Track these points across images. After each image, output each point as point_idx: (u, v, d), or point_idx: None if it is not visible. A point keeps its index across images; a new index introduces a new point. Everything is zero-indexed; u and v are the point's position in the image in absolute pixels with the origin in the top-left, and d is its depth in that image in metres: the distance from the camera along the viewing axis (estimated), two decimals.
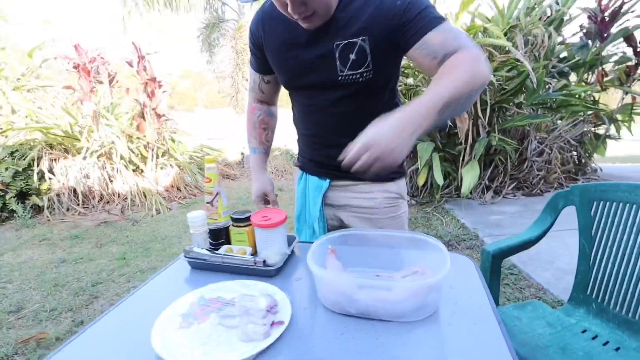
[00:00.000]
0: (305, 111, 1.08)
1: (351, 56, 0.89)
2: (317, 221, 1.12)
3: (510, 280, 2.28)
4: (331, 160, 1.04)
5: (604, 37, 4.11)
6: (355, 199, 1.10)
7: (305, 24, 0.87)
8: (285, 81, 1.05)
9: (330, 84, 0.94)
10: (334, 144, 0.96)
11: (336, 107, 0.98)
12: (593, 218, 1.23)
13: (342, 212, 1.13)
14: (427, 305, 0.71)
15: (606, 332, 1.13)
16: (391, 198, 1.09)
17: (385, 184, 1.09)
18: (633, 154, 9.80)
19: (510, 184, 4.08)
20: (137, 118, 4.74)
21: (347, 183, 1.10)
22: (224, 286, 0.85)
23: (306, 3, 0.81)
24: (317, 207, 1.12)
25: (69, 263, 2.86)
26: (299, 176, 1.21)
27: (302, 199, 1.18)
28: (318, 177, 1.13)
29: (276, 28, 0.98)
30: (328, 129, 1.04)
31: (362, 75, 0.91)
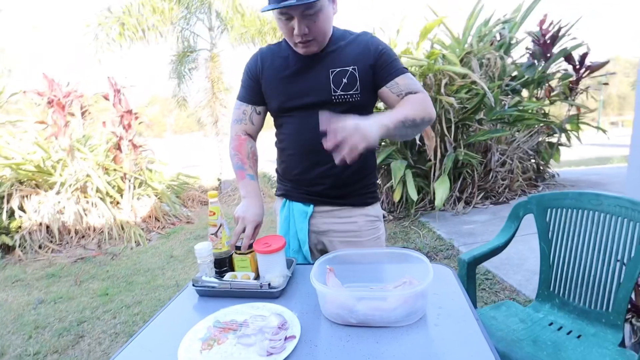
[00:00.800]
0: (299, 130, 1.15)
1: (344, 80, 1.09)
2: (305, 245, 1.20)
3: (486, 285, 2.45)
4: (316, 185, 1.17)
5: (547, 57, 4.55)
6: (338, 224, 1.20)
7: (303, 49, 1.07)
8: (281, 103, 1.15)
9: (324, 103, 1.09)
10: (323, 160, 1.11)
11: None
12: (549, 223, 1.41)
13: (325, 237, 1.22)
14: (416, 311, 0.83)
15: (569, 322, 1.29)
16: (371, 221, 1.21)
17: (364, 208, 1.21)
18: (585, 157, 10.59)
19: (479, 194, 4.35)
20: (113, 150, 4.71)
21: (329, 209, 1.20)
22: (234, 310, 0.93)
23: (310, 29, 1.01)
24: (304, 232, 1.20)
25: (47, 303, 2.78)
26: (281, 204, 1.27)
27: (286, 226, 1.24)
28: (302, 203, 1.21)
29: (274, 62, 1.16)
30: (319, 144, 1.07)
31: (352, 96, 1.10)
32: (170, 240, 4.27)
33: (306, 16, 0.98)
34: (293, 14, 0.98)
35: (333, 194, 1.18)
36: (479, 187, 4.40)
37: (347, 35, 1.14)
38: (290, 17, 0.99)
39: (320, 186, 1.18)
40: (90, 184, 4.32)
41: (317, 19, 1.00)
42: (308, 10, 0.97)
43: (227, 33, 6.70)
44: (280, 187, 1.30)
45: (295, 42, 1.05)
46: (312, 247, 1.24)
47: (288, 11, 0.98)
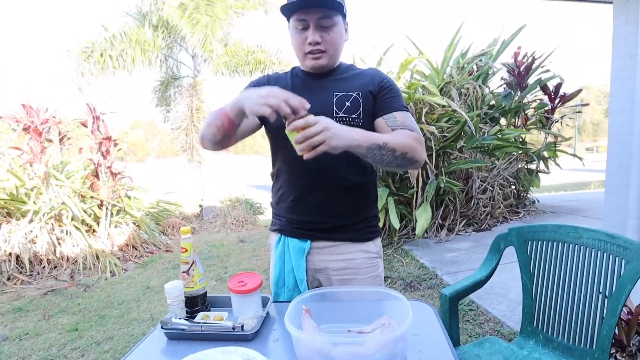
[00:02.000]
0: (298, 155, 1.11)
1: (347, 103, 1.09)
2: (302, 283, 1.14)
3: (470, 316, 2.42)
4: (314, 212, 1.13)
5: (523, 87, 4.74)
6: (336, 262, 1.14)
7: (313, 61, 1.08)
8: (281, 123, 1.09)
9: None
10: (322, 183, 1.10)
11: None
12: (529, 256, 1.40)
13: (322, 275, 1.17)
14: (396, 356, 0.79)
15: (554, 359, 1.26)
16: (371, 258, 1.16)
17: (365, 243, 1.16)
18: (564, 183, 10.94)
19: (461, 221, 4.38)
20: (90, 177, 4.59)
21: (327, 244, 1.15)
22: (204, 355, 0.87)
23: (323, 39, 1.05)
24: (302, 269, 1.14)
25: (12, 340, 2.60)
26: (276, 240, 1.21)
27: (281, 262, 1.18)
28: (299, 239, 1.15)
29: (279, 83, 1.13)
30: (320, 170, 1.09)
31: (354, 120, 1.09)
32: (148, 270, 4.11)
33: (321, 27, 1.04)
34: (309, 20, 1.03)
35: (331, 225, 1.14)
36: (461, 214, 4.43)
37: (354, 68, 1.19)
38: (306, 26, 1.04)
39: (317, 214, 1.14)
40: (66, 211, 4.17)
41: (331, 31, 1.05)
42: (324, 20, 1.03)
43: (210, 62, 6.78)
44: (276, 222, 1.24)
45: (306, 52, 1.07)
46: (309, 285, 1.17)
47: (306, 16, 1.02)
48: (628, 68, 3.02)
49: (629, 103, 3.00)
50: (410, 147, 0.99)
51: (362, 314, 0.95)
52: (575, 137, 17.90)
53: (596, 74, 51.49)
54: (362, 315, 0.95)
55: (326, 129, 0.84)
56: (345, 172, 1.11)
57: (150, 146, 51.20)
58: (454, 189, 4.00)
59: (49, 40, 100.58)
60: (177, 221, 6.20)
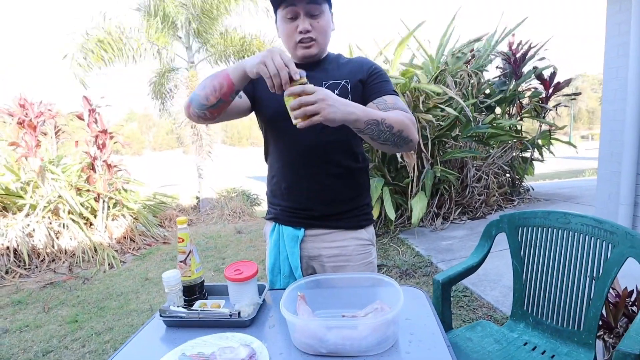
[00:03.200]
0: (290, 140, 1.12)
1: (335, 92, 1.09)
2: (297, 270, 1.16)
3: (464, 302, 2.46)
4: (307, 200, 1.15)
5: (518, 76, 4.74)
6: (329, 249, 1.16)
7: (304, 49, 1.09)
8: (273, 112, 1.12)
9: None
10: (314, 171, 1.12)
11: (320, 134, 1.08)
12: (520, 242, 1.44)
13: (315, 262, 1.19)
14: (387, 338, 0.82)
15: (543, 342, 1.30)
16: (363, 245, 1.18)
17: (357, 231, 1.18)
18: (559, 170, 11.03)
19: (456, 209, 4.42)
20: (86, 170, 4.57)
21: (320, 232, 1.17)
22: (202, 341, 0.90)
23: (313, 27, 1.07)
24: (296, 256, 1.16)
25: (12, 333, 2.62)
26: (271, 228, 1.24)
27: (276, 250, 1.20)
28: (292, 227, 1.18)
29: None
30: (312, 156, 1.11)
31: None
32: (146, 262, 4.13)
33: (310, 14, 1.06)
34: (299, 9, 1.05)
35: (324, 212, 1.15)
36: (456, 202, 4.47)
37: (342, 57, 1.20)
38: (295, 15, 1.06)
39: (310, 202, 1.15)
40: (62, 205, 4.17)
41: (320, 19, 1.07)
42: (313, 7, 1.05)
43: (204, 51, 6.71)
44: (271, 210, 1.26)
45: (297, 41, 1.08)
46: (303, 272, 1.20)
47: (295, 5, 1.04)
48: (620, 57, 3.03)
49: (621, 92, 3.02)
50: (405, 125, 0.99)
51: (356, 299, 0.98)
52: (571, 125, 17.97)
53: (591, 62, 51.53)
54: (355, 300, 0.97)
55: (323, 100, 0.84)
56: (338, 158, 1.13)
57: (146, 139, 50.84)
58: (449, 178, 4.03)
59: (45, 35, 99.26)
60: (174, 213, 6.21)
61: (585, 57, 63.84)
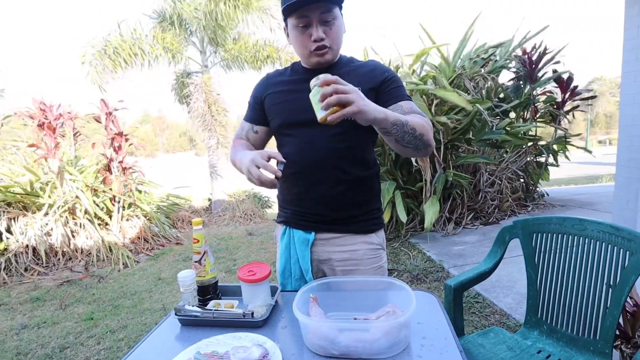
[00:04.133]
0: (300, 148, 1.13)
1: None
2: (308, 273, 1.17)
3: (476, 308, 2.43)
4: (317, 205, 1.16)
5: (533, 80, 4.68)
6: (339, 253, 1.17)
7: (318, 57, 1.09)
8: (284, 119, 1.15)
9: None
10: (324, 178, 1.12)
11: (332, 142, 1.10)
12: (534, 248, 1.42)
13: (326, 265, 1.20)
14: (399, 342, 0.82)
15: (557, 350, 1.28)
16: (373, 249, 1.18)
17: (367, 235, 1.18)
18: (574, 176, 10.80)
19: (469, 214, 4.37)
20: (102, 171, 4.68)
21: (331, 236, 1.17)
22: (216, 340, 0.92)
23: (326, 34, 1.06)
24: (307, 260, 1.17)
25: (31, 328, 2.70)
26: (282, 231, 1.24)
27: (287, 253, 1.21)
28: (303, 230, 1.18)
29: (279, 84, 1.20)
30: (323, 163, 1.11)
31: None
32: (159, 262, 4.20)
33: (324, 21, 1.05)
34: (312, 16, 1.03)
35: (334, 217, 1.16)
36: (469, 207, 4.43)
37: (354, 61, 1.19)
38: (307, 23, 1.05)
39: (321, 208, 1.16)
40: (79, 205, 4.27)
41: (333, 25, 1.06)
42: (326, 14, 1.04)
43: (218, 56, 6.81)
44: (281, 213, 1.27)
45: (312, 50, 1.07)
46: (314, 275, 1.20)
47: (308, 13, 1.03)
48: (639, 60, 2.97)
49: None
50: (426, 130, 1.01)
51: (368, 302, 0.98)
52: (587, 130, 17.60)
53: (609, 65, 50.46)
54: (367, 304, 0.98)
55: (356, 92, 0.85)
56: (349, 166, 1.13)
57: (159, 141, 51.66)
58: (462, 182, 3.99)
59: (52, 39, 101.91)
60: (187, 215, 6.29)
61: (603, 59, 62.56)
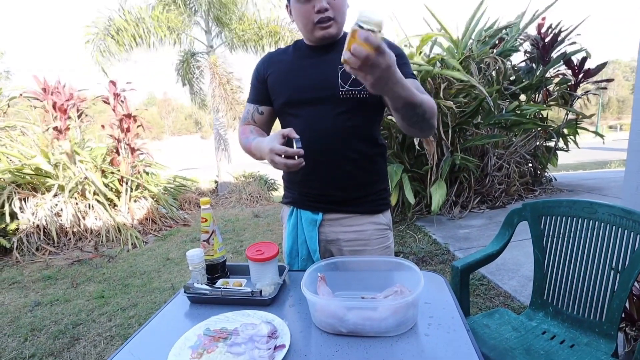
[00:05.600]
0: (305, 127, 1.09)
1: (352, 76, 1.02)
2: (315, 253, 1.18)
3: (481, 290, 2.45)
4: (324, 186, 1.15)
5: (546, 61, 4.56)
6: (347, 233, 1.17)
7: (322, 30, 1.05)
8: (288, 97, 1.13)
9: (331, 99, 1.08)
10: (330, 158, 1.11)
11: (338, 120, 1.09)
12: (543, 231, 1.41)
13: (333, 245, 1.20)
14: (407, 321, 0.83)
15: (562, 331, 1.29)
16: (381, 229, 1.18)
17: (375, 215, 1.18)
18: (583, 161, 10.65)
19: (475, 198, 4.35)
20: (111, 153, 4.71)
21: (338, 216, 1.17)
22: (225, 317, 0.93)
23: (330, 4, 1.02)
24: (314, 240, 1.17)
25: (44, 306, 2.78)
26: (289, 212, 1.24)
27: (294, 233, 1.21)
28: (311, 211, 1.18)
29: (282, 60, 1.17)
30: (329, 142, 1.10)
31: (360, 92, 1.06)
32: (167, 243, 4.27)
33: None
34: None
35: (342, 198, 1.16)
36: (476, 191, 4.40)
37: None
38: None
39: (328, 187, 1.15)
40: (88, 186, 4.32)
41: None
42: None
43: (223, 36, 6.72)
44: (288, 194, 1.27)
45: (315, 22, 1.04)
46: (321, 255, 1.21)
47: None
48: None
49: None
50: (434, 113, 0.98)
51: (375, 282, 0.99)
52: (598, 115, 17.27)
53: (625, 48, 48.95)
54: (375, 283, 0.98)
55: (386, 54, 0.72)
56: (355, 144, 1.11)
57: (165, 123, 51.70)
58: (469, 166, 3.96)
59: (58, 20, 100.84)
60: (194, 196, 6.35)
61: (618, 42, 60.69)
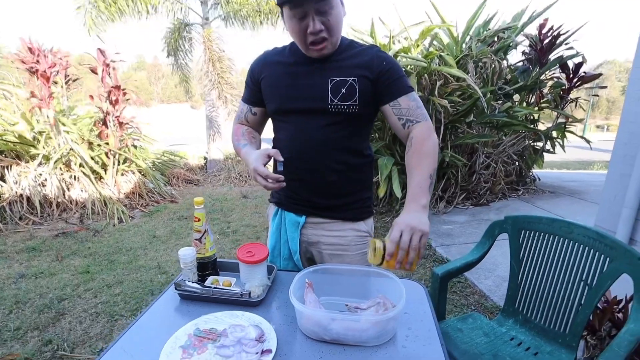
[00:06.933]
0: (294, 135, 1.14)
1: (342, 90, 1.08)
2: (296, 254, 1.23)
3: (457, 288, 2.56)
4: (308, 192, 1.19)
5: (543, 64, 4.60)
6: (328, 237, 1.22)
7: (317, 51, 1.05)
8: (279, 105, 1.15)
9: (320, 111, 1.10)
10: (316, 167, 1.14)
11: (326, 132, 1.11)
12: (521, 244, 1.48)
13: (314, 248, 1.25)
14: (387, 332, 0.89)
15: (529, 339, 1.38)
16: (361, 236, 1.23)
17: (356, 222, 1.22)
18: (568, 160, 10.90)
19: (461, 194, 4.45)
20: (98, 125, 4.61)
21: (321, 220, 1.22)
22: (214, 317, 0.98)
23: (324, 25, 1.01)
24: (295, 241, 1.22)
25: (28, 278, 2.78)
26: (274, 212, 1.29)
27: (277, 234, 1.27)
28: (295, 214, 1.23)
29: (277, 65, 1.17)
30: (316, 152, 1.12)
31: (349, 107, 1.08)
32: (154, 219, 4.26)
33: (320, 12, 0.98)
34: (307, 8, 0.97)
35: (326, 205, 1.19)
36: (462, 187, 4.50)
37: (354, 46, 1.13)
38: (304, 15, 0.99)
39: (314, 195, 1.18)
40: (74, 158, 4.25)
41: (331, 16, 1.00)
42: (322, 3, 0.97)
43: (220, 8, 6.52)
44: (274, 194, 1.30)
45: (309, 42, 1.03)
46: (302, 255, 1.26)
47: (302, 2, 0.96)
48: None
49: None
50: (435, 152, 1.05)
51: (360, 289, 1.05)
52: (587, 115, 17.53)
53: (621, 48, 49.25)
54: (360, 290, 1.04)
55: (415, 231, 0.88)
56: (342, 156, 1.14)
57: (154, 90, 50.23)
58: (457, 164, 4.03)
59: None
60: (182, 172, 6.30)
61: (616, 41, 60.95)
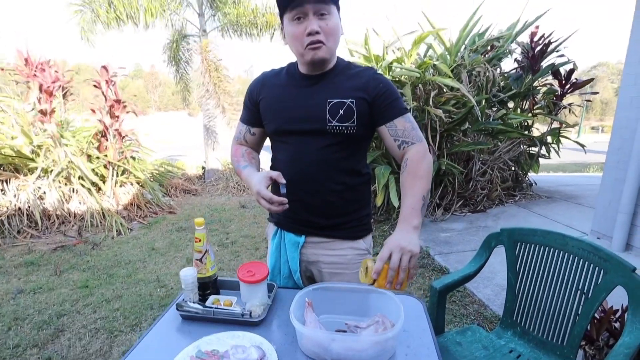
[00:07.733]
0: (293, 156, 1.17)
1: (340, 111, 1.10)
2: (296, 273, 1.25)
3: (456, 297, 2.57)
4: (307, 211, 1.20)
5: (535, 71, 4.66)
6: (327, 256, 1.23)
7: (312, 52, 1.07)
8: (278, 126, 1.18)
9: (319, 132, 1.12)
10: (315, 187, 1.16)
11: (324, 153, 1.13)
12: (517, 256, 1.51)
13: (314, 267, 1.26)
14: (386, 351, 0.90)
15: (527, 351, 1.39)
16: (360, 254, 1.24)
17: (355, 241, 1.24)
18: (564, 162, 10.98)
19: (458, 201, 4.48)
20: (97, 137, 4.63)
21: (320, 240, 1.23)
22: (216, 339, 0.99)
23: (322, 29, 1.04)
24: (295, 261, 1.24)
25: (27, 293, 2.77)
26: (273, 231, 1.30)
27: (277, 253, 1.28)
28: (294, 234, 1.24)
29: (275, 85, 1.20)
30: (314, 173, 1.15)
31: (347, 128, 1.11)
32: (152, 231, 4.26)
33: (319, 15, 1.03)
34: (307, 9, 1.02)
35: (324, 224, 1.21)
36: (459, 194, 4.53)
37: (351, 67, 1.17)
38: (303, 14, 1.03)
39: (312, 215, 1.20)
40: (73, 171, 4.25)
41: (329, 21, 1.05)
42: (321, 6, 1.02)
43: (217, 20, 6.58)
44: (274, 214, 1.31)
45: (306, 44, 1.05)
46: (302, 274, 1.27)
47: (303, 6, 1.01)
48: None
49: (637, 100, 3.00)
50: (429, 174, 1.10)
51: (360, 307, 1.06)
52: (582, 118, 17.69)
53: (613, 49, 49.84)
54: (358, 308, 1.06)
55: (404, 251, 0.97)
56: (340, 177, 1.16)
57: (151, 98, 50.35)
58: (453, 172, 4.06)
59: None
60: (180, 182, 6.31)
61: (608, 43, 61.58)
